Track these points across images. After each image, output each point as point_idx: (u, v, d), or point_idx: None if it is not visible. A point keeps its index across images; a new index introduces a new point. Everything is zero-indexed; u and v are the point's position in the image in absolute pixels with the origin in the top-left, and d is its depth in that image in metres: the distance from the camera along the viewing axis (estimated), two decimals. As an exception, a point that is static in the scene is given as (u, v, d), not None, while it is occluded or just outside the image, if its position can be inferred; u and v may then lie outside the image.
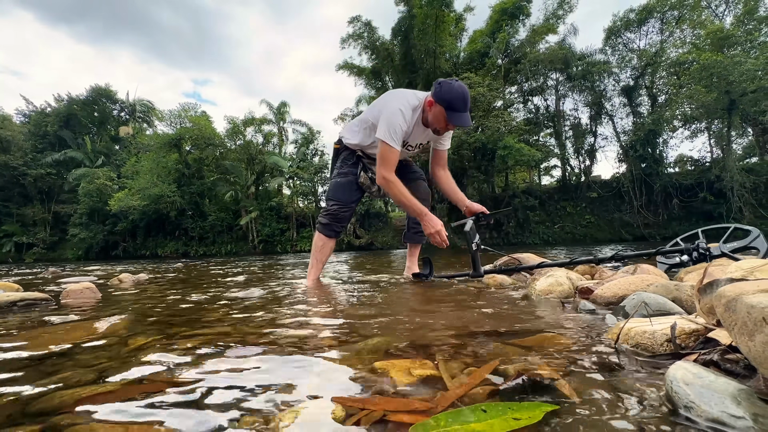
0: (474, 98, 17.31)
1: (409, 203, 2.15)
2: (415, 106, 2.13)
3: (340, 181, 2.39)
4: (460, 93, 2.01)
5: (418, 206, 2.15)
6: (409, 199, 2.15)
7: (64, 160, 28.09)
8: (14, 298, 1.80)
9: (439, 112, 2.07)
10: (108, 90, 32.14)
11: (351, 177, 2.38)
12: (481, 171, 19.18)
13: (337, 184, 2.40)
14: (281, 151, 27.12)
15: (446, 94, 2.01)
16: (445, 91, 2.02)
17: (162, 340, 1.01)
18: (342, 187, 2.38)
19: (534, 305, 1.38)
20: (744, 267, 0.88)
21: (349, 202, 2.39)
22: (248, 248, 23.50)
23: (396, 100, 2.12)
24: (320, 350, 0.87)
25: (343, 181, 2.38)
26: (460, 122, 2.06)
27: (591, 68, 19.47)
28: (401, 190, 2.13)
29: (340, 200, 2.37)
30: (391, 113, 2.08)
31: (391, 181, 2.13)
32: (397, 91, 2.21)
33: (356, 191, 2.41)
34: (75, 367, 0.79)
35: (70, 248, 26.35)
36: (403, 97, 2.14)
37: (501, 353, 0.78)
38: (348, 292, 1.99)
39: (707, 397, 0.49)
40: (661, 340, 0.74)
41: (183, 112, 27.27)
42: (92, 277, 4.18)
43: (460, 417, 0.50)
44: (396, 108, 2.08)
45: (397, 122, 2.06)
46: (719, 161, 17.45)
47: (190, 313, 1.49)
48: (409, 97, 2.14)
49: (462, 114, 2.05)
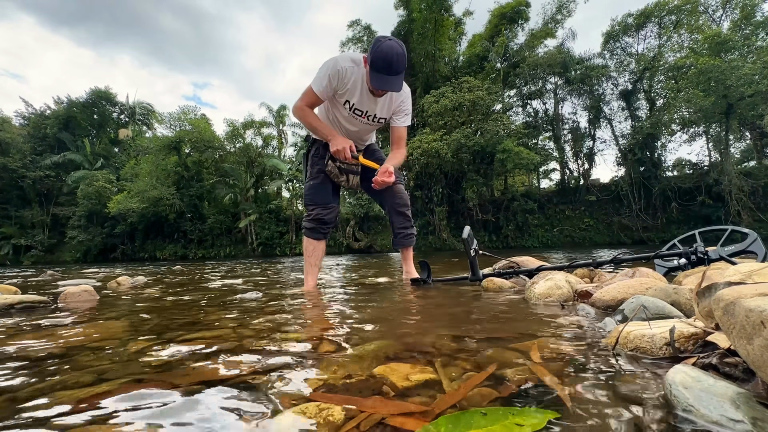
0: (473, 102, 17.40)
1: (320, 128, 2.19)
2: (356, 59, 2.08)
3: (314, 184, 2.38)
4: (384, 53, 1.88)
5: (328, 129, 2.19)
6: (320, 124, 2.19)
7: (63, 162, 28.08)
8: (12, 301, 1.80)
9: (368, 74, 2.01)
10: (108, 93, 32.19)
11: (322, 175, 2.36)
12: (480, 174, 19.22)
13: (311, 187, 2.39)
14: (281, 154, 27.17)
15: (373, 51, 1.91)
16: (372, 49, 1.92)
17: (161, 343, 1.01)
18: (316, 189, 2.37)
19: (533, 309, 1.38)
20: (742, 270, 0.89)
21: (328, 202, 2.38)
22: (247, 251, 23.47)
23: (339, 55, 2.12)
24: (319, 354, 0.87)
25: (316, 183, 2.37)
26: (379, 85, 1.96)
27: (589, 72, 19.59)
28: (311, 117, 2.18)
29: (318, 203, 2.36)
30: (324, 62, 2.09)
31: (304, 110, 2.17)
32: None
33: (331, 189, 2.41)
34: (73, 370, 0.79)
35: (69, 251, 26.28)
36: (349, 52, 2.16)
37: (500, 357, 0.78)
38: (346, 296, 1.99)
39: (706, 401, 0.49)
40: (660, 344, 0.74)
41: (183, 114, 27.31)
42: (90, 279, 4.17)
43: (460, 422, 0.50)
44: (330, 58, 2.08)
45: (328, 66, 2.05)
46: (717, 165, 17.53)
47: (189, 315, 1.48)
48: (356, 53, 2.13)
49: (383, 77, 1.93)
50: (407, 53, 2.01)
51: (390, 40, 1.92)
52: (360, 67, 2.08)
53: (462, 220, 19.73)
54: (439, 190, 20.42)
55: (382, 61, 1.90)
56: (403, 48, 1.97)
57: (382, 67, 1.91)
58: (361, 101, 2.18)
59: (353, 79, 2.09)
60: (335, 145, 2.11)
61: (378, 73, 1.93)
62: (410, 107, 2.31)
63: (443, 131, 17.88)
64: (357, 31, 21.79)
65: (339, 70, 2.05)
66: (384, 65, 1.91)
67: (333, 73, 2.05)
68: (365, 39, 21.87)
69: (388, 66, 1.91)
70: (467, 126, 18.01)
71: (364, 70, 2.07)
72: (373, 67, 1.94)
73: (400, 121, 2.31)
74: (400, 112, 2.28)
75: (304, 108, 2.17)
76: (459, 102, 17.51)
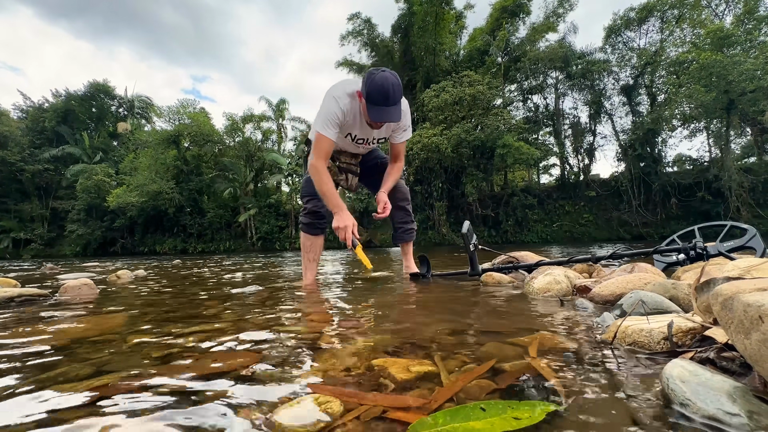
0: (473, 96, 17.32)
1: (330, 196, 2.09)
2: (351, 93, 2.04)
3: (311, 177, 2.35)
4: (379, 84, 1.87)
5: (336, 201, 2.09)
6: (331, 192, 2.10)
7: (62, 155, 28.00)
8: (12, 294, 1.80)
9: (365, 107, 1.99)
10: (106, 86, 32.00)
11: None
12: (480, 169, 19.19)
13: (308, 180, 2.36)
14: (280, 149, 27.08)
15: (367, 85, 1.90)
16: (367, 82, 1.90)
17: (160, 336, 1.01)
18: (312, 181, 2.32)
19: (532, 304, 1.38)
20: (741, 266, 0.89)
21: None
22: (247, 245, 23.50)
23: (333, 89, 2.07)
24: (318, 348, 0.87)
25: None
26: (378, 117, 1.95)
27: (591, 67, 19.49)
28: (325, 180, 2.08)
29: (314, 194, 2.32)
30: (325, 102, 2.04)
31: (319, 170, 2.07)
32: (340, 81, 2.14)
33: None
34: (73, 362, 0.79)
35: (68, 244, 26.29)
36: (342, 84, 2.07)
37: (498, 351, 0.79)
38: (345, 290, 1.99)
39: (703, 395, 0.50)
40: (657, 338, 0.75)
41: (182, 108, 27.15)
42: (90, 273, 4.17)
43: (459, 415, 0.50)
44: (330, 96, 2.03)
45: (330, 109, 2.01)
46: (717, 161, 17.50)
47: (189, 309, 1.49)
48: (348, 85, 2.07)
49: (381, 108, 1.92)
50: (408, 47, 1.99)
51: (383, 71, 1.91)
52: (356, 101, 2.06)
53: (461, 215, 19.73)
54: (439, 185, 20.40)
55: (378, 94, 1.89)
56: (397, 77, 1.96)
57: (378, 99, 1.90)
58: (362, 131, 2.19)
59: (353, 114, 2.10)
60: (339, 222, 2.04)
61: (375, 105, 1.92)
62: (410, 121, 2.26)
63: (443, 126, 17.83)
64: (357, 24, 21.63)
65: (343, 111, 2.04)
66: (381, 97, 1.90)
67: (340, 116, 2.04)
68: (365, 32, 21.73)
69: (385, 98, 1.90)
70: (467, 121, 17.94)
71: (358, 102, 2.06)
72: (369, 100, 1.92)
73: (400, 137, 2.29)
74: (399, 129, 2.26)
75: (322, 169, 2.08)
76: (459, 96, 17.44)
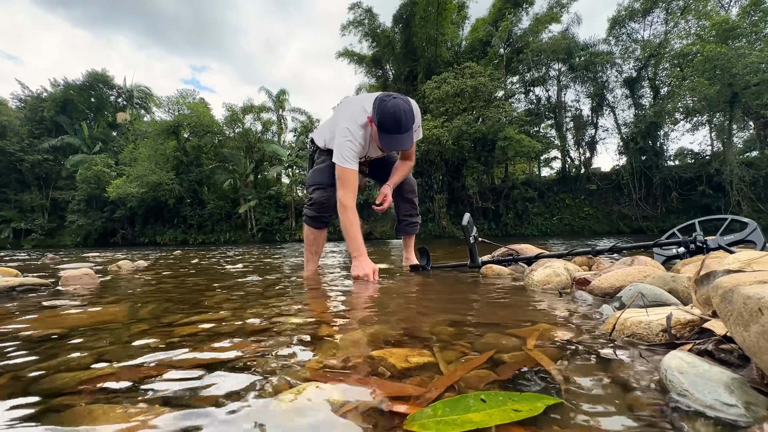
0: (475, 88, 17.20)
1: (353, 238, 2.02)
2: (363, 124, 2.04)
3: (319, 167, 2.31)
4: (391, 113, 1.86)
5: (356, 244, 2.03)
6: (356, 234, 2.03)
7: (62, 146, 27.90)
8: (13, 283, 1.81)
9: (376, 133, 1.99)
10: (105, 75, 31.74)
11: (329, 162, 2.27)
12: (481, 162, 19.13)
13: (316, 170, 2.33)
14: (280, 140, 26.97)
15: (379, 113, 1.89)
16: (378, 110, 1.90)
17: (161, 326, 1.02)
18: (321, 171, 2.29)
19: (531, 296, 1.39)
20: (741, 259, 0.89)
21: (330, 184, 2.27)
22: (247, 237, 23.55)
23: (344, 119, 2.06)
24: (318, 337, 0.88)
25: (321, 166, 2.30)
26: (390, 146, 1.96)
27: (594, 59, 19.30)
28: (352, 219, 2.03)
29: (320, 183, 2.26)
30: (340, 136, 2.02)
31: (346, 206, 2.02)
32: (347, 106, 2.12)
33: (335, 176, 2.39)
34: (75, 350, 0.80)
35: (69, 235, 26.35)
36: (352, 112, 2.05)
37: (497, 343, 0.79)
38: (346, 282, 2.00)
39: (701, 386, 0.50)
40: (656, 330, 0.75)
41: (181, 98, 26.98)
42: (91, 263, 4.19)
43: (458, 406, 0.50)
44: (343, 128, 2.02)
45: (346, 145, 2.00)
46: (719, 155, 17.44)
47: (189, 299, 1.49)
48: (358, 114, 2.04)
49: (393, 137, 1.92)
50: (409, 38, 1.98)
51: (394, 99, 1.90)
52: (368, 128, 2.06)
53: (462, 207, 19.74)
54: (440, 177, 20.36)
55: (391, 123, 1.89)
56: (408, 103, 1.95)
57: (391, 128, 1.90)
58: (375, 150, 2.21)
59: (366, 142, 2.11)
60: (359, 270, 1.98)
61: (387, 134, 1.92)
62: (420, 120, 2.21)
63: (444, 118, 17.73)
64: (358, 14, 21.37)
65: (360, 143, 2.04)
66: (393, 126, 1.90)
67: (357, 149, 2.03)
68: (366, 22, 21.47)
69: (397, 126, 1.90)
70: (469, 113, 17.83)
71: (370, 129, 2.05)
72: (381, 129, 1.92)
73: (415, 136, 2.24)
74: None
75: (350, 206, 2.03)
76: (461, 88, 17.31)
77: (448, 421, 0.46)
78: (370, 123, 2.00)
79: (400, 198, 2.51)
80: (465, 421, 0.46)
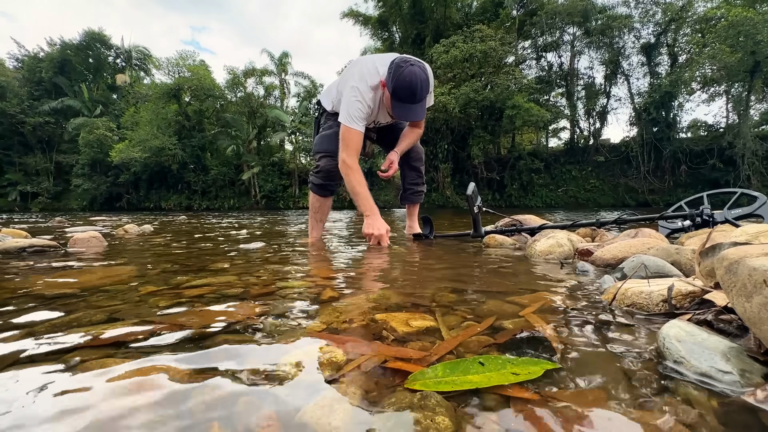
0: (485, 53, 16.53)
1: (363, 198, 2.00)
2: (374, 85, 1.96)
3: (326, 133, 2.26)
4: (407, 82, 1.77)
5: (369, 204, 2.00)
6: (365, 194, 2.00)
7: (62, 108, 27.51)
8: (24, 244, 1.84)
9: (388, 99, 1.91)
10: (102, 35, 30.71)
11: (337, 128, 2.22)
12: (488, 131, 18.73)
13: (322, 136, 2.28)
14: (283, 105, 26.41)
15: (394, 80, 1.80)
16: (394, 76, 1.80)
17: (169, 288, 1.04)
18: (328, 137, 2.23)
19: (533, 265, 1.40)
20: (749, 232, 0.88)
21: (337, 152, 2.24)
22: (251, 203, 23.66)
23: (353, 77, 1.96)
24: (322, 302, 0.90)
25: (329, 132, 2.25)
26: (402, 116, 1.89)
27: (611, 22, 18.35)
28: (358, 179, 1.99)
29: (328, 150, 2.22)
30: (348, 94, 1.95)
31: (350, 167, 1.99)
32: (359, 64, 2.01)
33: None
34: (87, 308, 0.82)
35: (75, 198, 26.59)
36: (363, 72, 1.96)
37: (498, 310, 0.81)
38: (349, 249, 2.02)
39: (697, 353, 0.51)
40: (656, 301, 0.76)
41: (181, 60, 26.19)
42: (98, 226, 4.25)
43: (458, 368, 0.51)
44: (353, 86, 1.94)
45: (355, 105, 1.93)
46: (734, 127, 16.94)
47: (196, 263, 1.52)
48: (369, 74, 1.95)
49: (407, 106, 1.84)
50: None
51: (411, 66, 1.80)
52: (379, 91, 1.97)
53: (466, 177, 19.56)
54: (445, 146, 20.03)
55: (406, 90, 1.80)
56: (426, 71, 1.85)
57: (405, 96, 1.82)
58: (385, 116, 2.14)
59: (377, 105, 2.03)
60: (371, 228, 1.95)
61: (401, 102, 1.84)
62: (432, 86, 2.10)
63: (452, 84, 17.18)
64: (364, -30, 20.19)
65: (369, 106, 1.96)
66: (408, 95, 1.81)
67: (365, 110, 1.96)
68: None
69: (412, 95, 1.81)
70: (477, 79, 17.24)
71: (381, 92, 1.96)
72: (395, 97, 1.83)
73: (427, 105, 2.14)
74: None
75: (354, 166, 1.98)
76: (470, 53, 16.63)
77: (448, 381, 0.48)
78: (383, 87, 1.92)
79: (407, 166, 2.48)
80: (464, 381, 0.48)
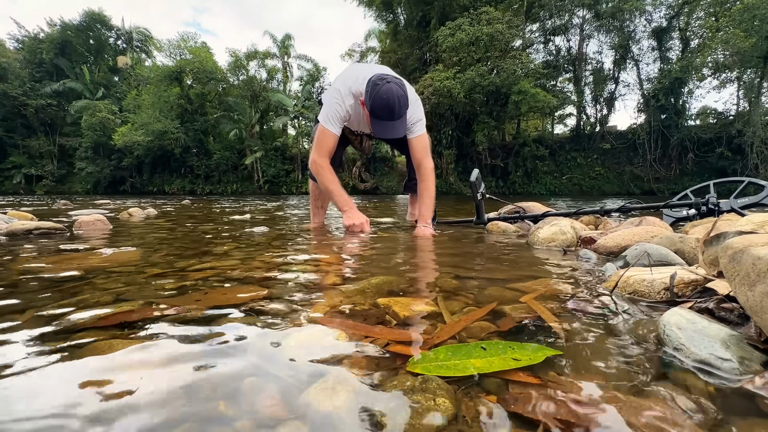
0: (491, 36, 16.16)
1: (337, 195, 2.01)
2: (356, 92, 1.94)
3: None
4: (384, 99, 1.75)
5: (343, 199, 2.03)
6: (338, 191, 2.02)
7: (64, 90, 27.32)
8: (30, 226, 1.86)
9: (368, 117, 1.90)
10: (102, 15, 30.21)
11: None
12: (493, 117, 18.45)
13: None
14: (286, 89, 26.08)
15: (371, 97, 1.78)
16: (371, 94, 1.79)
17: (173, 271, 1.05)
18: None
19: (536, 252, 1.40)
20: (755, 221, 0.87)
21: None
22: (254, 188, 23.64)
23: (338, 80, 2.00)
24: (325, 286, 0.90)
25: None
26: (381, 133, 1.87)
27: (622, 5, 17.80)
28: (329, 178, 2.01)
29: None
30: (330, 95, 1.97)
31: (322, 166, 2.00)
32: (351, 69, 2.04)
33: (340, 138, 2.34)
34: (93, 290, 0.84)
35: (79, 182, 26.66)
36: (347, 78, 1.97)
37: (500, 296, 0.81)
38: (352, 235, 2.02)
39: (697, 341, 0.51)
40: (658, 289, 0.76)
41: (182, 42, 25.80)
42: (102, 210, 4.27)
43: (460, 352, 0.52)
44: (336, 89, 1.96)
45: (334, 106, 1.94)
46: (744, 114, 16.61)
47: (200, 246, 1.53)
48: (353, 81, 1.95)
49: (385, 123, 1.82)
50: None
51: (387, 83, 1.77)
52: (359, 105, 1.96)
53: (470, 164, 19.41)
54: (449, 132, 19.81)
55: (383, 109, 1.78)
56: (403, 87, 1.82)
57: (383, 114, 1.80)
58: (365, 127, 2.13)
59: (357, 116, 2.03)
60: (352, 220, 1.97)
61: (379, 120, 1.82)
62: (421, 111, 2.07)
63: (457, 69, 16.85)
64: (369, -52, 19.61)
65: (348, 112, 1.97)
66: (385, 113, 1.79)
67: (344, 115, 1.97)
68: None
69: (390, 113, 1.79)
70: (483, 63, 16.90)
71: (363, 110, 1.94)
72: (373, 114, 1.82)
73: (416, 129, 2.05)
74: (414, 122, 2.04)
75: (325, 165, 2.00)
76: (476, 36, 16.25)
77: (449, 365, 0.49)
78: (362, 104, 1.91)
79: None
80: (466, 366, 0.48)
